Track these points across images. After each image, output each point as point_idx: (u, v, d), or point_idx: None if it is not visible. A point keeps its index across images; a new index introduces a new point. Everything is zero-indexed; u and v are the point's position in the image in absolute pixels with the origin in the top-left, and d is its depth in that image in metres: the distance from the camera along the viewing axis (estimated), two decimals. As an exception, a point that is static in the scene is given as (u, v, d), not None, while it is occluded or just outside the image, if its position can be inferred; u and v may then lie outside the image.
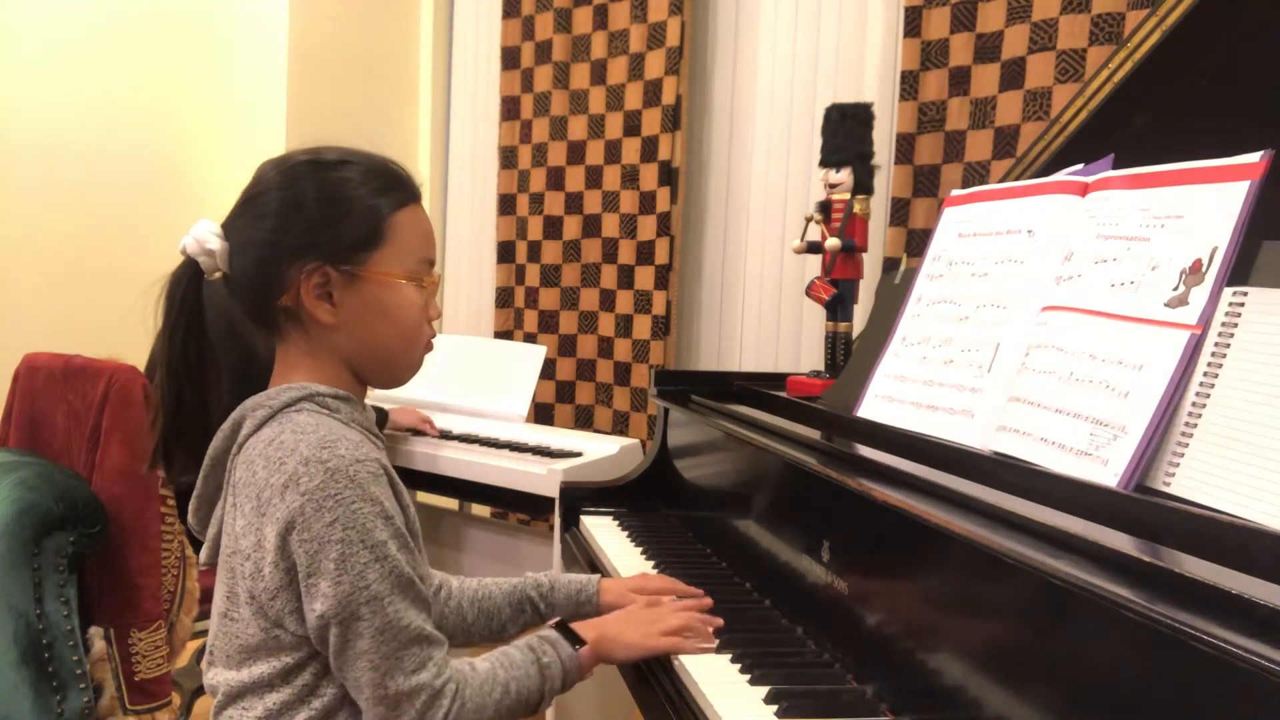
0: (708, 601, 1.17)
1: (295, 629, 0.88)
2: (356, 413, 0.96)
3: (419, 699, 0.87)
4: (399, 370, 1.00)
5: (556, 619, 1.06)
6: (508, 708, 0.94)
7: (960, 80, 2.18)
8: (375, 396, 2.41)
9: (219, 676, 0.93)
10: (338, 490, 0.85)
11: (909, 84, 2.24)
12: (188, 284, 0.95)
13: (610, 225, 2.86)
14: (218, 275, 0.95)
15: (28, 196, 2.59)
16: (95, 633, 1.72)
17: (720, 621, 1.12)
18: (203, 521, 0.98)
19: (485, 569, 2.57)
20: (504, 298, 3.14)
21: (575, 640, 1.02)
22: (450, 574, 1.21)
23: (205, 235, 0.94)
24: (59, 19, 2.63)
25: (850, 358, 1.52)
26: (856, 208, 1.54)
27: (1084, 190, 1.04)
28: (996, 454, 0.97)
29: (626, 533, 1.58)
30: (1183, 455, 0.80)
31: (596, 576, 1.22)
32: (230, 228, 0.95)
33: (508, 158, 3.11)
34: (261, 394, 0.94)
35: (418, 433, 2.34)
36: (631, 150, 2.80)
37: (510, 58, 3.08)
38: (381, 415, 2.29)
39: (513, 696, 0.94)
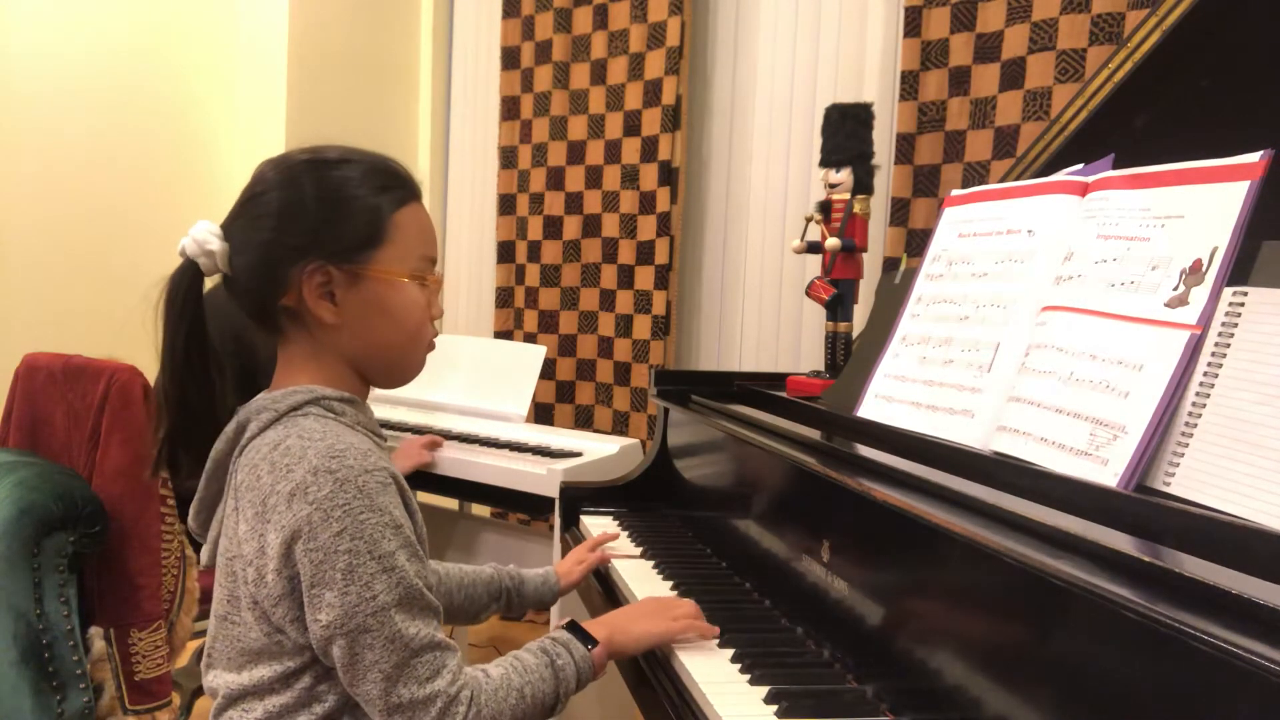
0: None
1: (297, 636, 0.88)
2: (361, 414, 0.96)
3: (434, 706, 0.86)
4: (402, 370, 1.00)
5: (569, 619, 1.06)
6: (524, 713, 0.92)
7: (960, 80, 2.18)
8: (378, 395, 2.40)
9: (219, 679, 0.93)
10: (346, 501, 0.85)
11: (909, 84, 2.24)
12: (188, 286, 0.94)
13: (610, 225, 2.86)
14: (218, 276, 0.95)
15: (28, 196, 2.59)
16: (95, 633, 1.72)
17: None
18: (203, 525, 0.97)
19: (485, 569, 2.56)
20: (504, 298, 3.14)
21: (587, 640, 1.01)
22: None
23: (204, 236, 0.93)
24: (59, 19, 2.63)
25: (850, 358, 1.52)
26: (856, 208, 1.54)
27: (1084, 190, 1.04)
28: (996, 454, 0.97)
29: (626, 533, 1.58)
30: (1182, 455, 0.79)
31: (552, 566, 1.35)
32: (230, 228, 0.94)
33: (508, 158, 3.11)
34: (265, 396, 0.94)
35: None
36: (631, 150, 2.80)
37: (510, 58, 3.09)
38: None
39: (528, 701, 0.93)
